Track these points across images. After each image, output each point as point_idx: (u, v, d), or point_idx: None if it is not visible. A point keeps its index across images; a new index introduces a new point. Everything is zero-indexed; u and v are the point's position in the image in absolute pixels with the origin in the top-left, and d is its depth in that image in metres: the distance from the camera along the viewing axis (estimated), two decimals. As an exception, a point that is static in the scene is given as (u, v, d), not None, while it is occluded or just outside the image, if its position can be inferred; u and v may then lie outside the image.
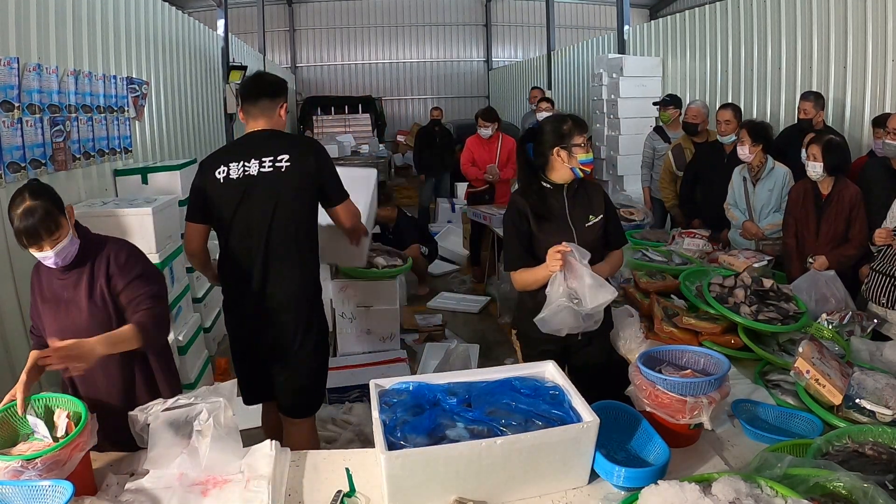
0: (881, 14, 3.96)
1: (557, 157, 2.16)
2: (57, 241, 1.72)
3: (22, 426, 1.59)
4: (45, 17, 3.42)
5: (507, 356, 4.16)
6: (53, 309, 1.83)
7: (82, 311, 1.81)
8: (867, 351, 2.24)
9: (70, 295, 1.81)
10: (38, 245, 1.71)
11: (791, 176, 3.54)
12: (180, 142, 5.84)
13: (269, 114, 2.29)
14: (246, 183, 2.20)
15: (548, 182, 2.22)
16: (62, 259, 1.76)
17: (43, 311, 1.86)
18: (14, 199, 1.70)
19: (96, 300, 1.81)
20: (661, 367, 1.77)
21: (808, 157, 3.03)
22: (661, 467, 1.46)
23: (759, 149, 3.49)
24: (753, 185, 3.59)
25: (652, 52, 6.94)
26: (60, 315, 1.82)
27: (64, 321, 1.80)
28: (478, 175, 5.62)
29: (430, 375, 1.71)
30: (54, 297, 1.83)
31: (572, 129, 2.15)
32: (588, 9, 14.87)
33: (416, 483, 1.38)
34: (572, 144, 2.14)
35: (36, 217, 1.67)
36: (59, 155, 3.44)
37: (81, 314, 1.80)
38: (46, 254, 1.73)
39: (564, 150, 2.14)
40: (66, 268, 1.80)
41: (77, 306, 1.81)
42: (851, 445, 1.52)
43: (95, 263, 1.83)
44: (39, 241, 1.70)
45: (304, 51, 14.73)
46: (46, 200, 1.71)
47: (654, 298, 2.62)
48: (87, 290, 1.81)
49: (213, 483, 1.52)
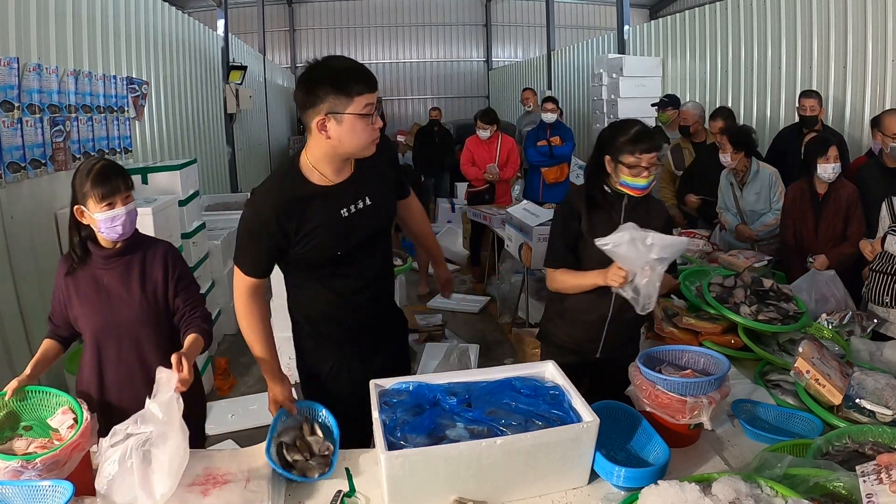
0: (881, 14, 3.97)
1: (609, 165, 1.95)
2: (129, 200, 1.72)
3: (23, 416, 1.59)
4: (45, 17, 3.42)
5: (507, 356, 4.17)
6: (95, 302, 1.76)
7: (134, 304, 1.76)
8: (867, 351, 2.24)
9: (119, 287, 1.77)
10: (114, 197, 1.68)
11: (778, 176, 3.56)
12: (180, 142, 5.84)
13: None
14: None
15: (609, 187, 2.00)
16: (129, 225, 1.72)
17: (80, 304, 1.77)
18: (79, 167, 1.72)
19: (148, 294, 1.78)
20: (661, 367, 1.77)
21: (828, 159, 3.01)
22: (661, 467, 1.46)
23: (740, 155, 3.53)
24: (741, 190, 3.61)
25: (652, 52, 6.94)
26: (104, 308, 1.76)
27: (109, 315, 1.75)
28: (477, 175, 5.62)
29: (430, 375, 1.71)
30: (98, 289, 1.77)
31: (625, 144, 1.89)
32: (588, 9, 14.87)
33: (416, 483, 1.38)
34: (619, 161, 1.91)
35: (115, 169, 1.71)
36: (59, 155, 3.44)
37: (132, 308, 1.76)
38: (117, 211, 1.69)
39: (612, 162, 1.93)
40: (112, 257, 1.76)
41: (127, 300, 1.76)
42: (851, 445, 1.52)
43: (147, 257, 1.81)
44: (118, 192, 1.69)
45: (304, 51, 14.72)
46: (117, 164, 1.76)
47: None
48: (139, 282, 1.78)
49: (213, 483, 1.52)
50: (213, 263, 4.43)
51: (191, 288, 1.86)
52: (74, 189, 1.71)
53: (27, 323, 3.07)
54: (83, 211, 1.71)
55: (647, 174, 1.90)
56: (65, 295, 1.79)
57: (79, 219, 1.74)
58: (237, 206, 5.71)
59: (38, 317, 3.17)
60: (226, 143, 7.75)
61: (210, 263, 4.39)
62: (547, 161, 5.79)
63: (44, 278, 3.26)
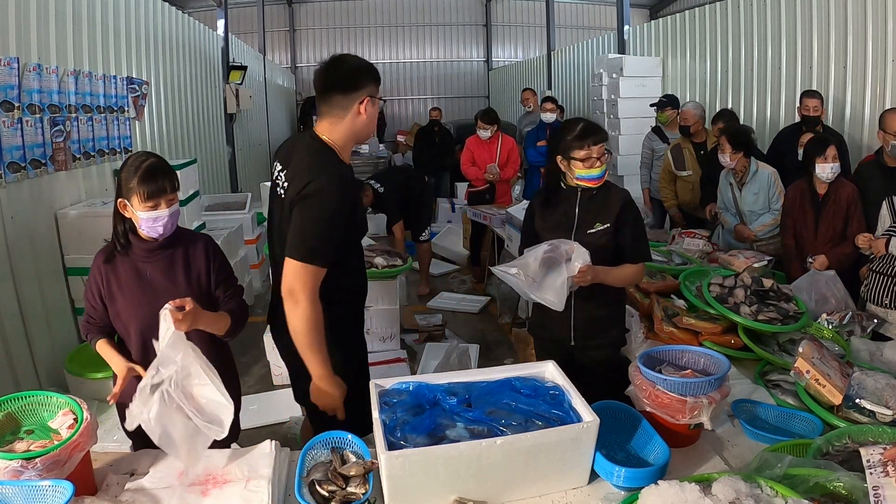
0: (881, 14, 3.96)
1: (562, 164, 2.14)
2: (173, 202, 1.73)
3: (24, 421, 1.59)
4: (45, 17, 3.42)
5: (507, 356, 4.16)
6: (138, 295, 1.75)
7: (178, 293, 1.72)
8: (867, 351, 2.24)
9: (164, 279, 1.77)
10: (159, 198, 1.69)
11: (777, 176, 3.55)
12: (180, 142, 5.84)
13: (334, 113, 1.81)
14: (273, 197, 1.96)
15: (564, 183, 2.19)
16: (170, 225, 1.74)
17: (123, 297, 1.77)
18: (128, 160, 1.72)
19: (193, 285, 1.80)
20: (661, 367, 1.77)
21: (826, 159, 3.01)
22: (661, 467, 1.46)
23: (739, 155, 3.52)
24: (739, 190, 3.61)
25: (652, 53, 6.94)
26: (150, 300, 1.73)
27: (156, 307, 1.63)
28: (478, 175, 5.62)
29: (430, 375, 1.71)
30: (141, 281, 1.76)
31: (573, 141, 2.07)
32: (588, 9, 14.87)
33: (416, 483, 1.38)
34: (571, 158, 2.09)
35: (163, 169, 1.71)
36: (59, 155, 3.44)
37: (175, 297, 1.69)
38: (161, 213, 1.70)
39: (564, 161, 2.12)
40: (155, 249, 1.77)
41: (173, 292, 1.74)
42: (851, 445, 1.52)
43: (189, 249, 1.82)
44: (163, 193, 1.69)
45: (304, 51, 14.72)
46: (165, 163, 1.75)
47: (654, 298, 2.62)
48: (184, 274, 1.79)
49: (213, 483, 1.52)
50: (213, 263, 4.42)
51: (230, 279, 1.89)
52: (120, 182, 1.72)
53: (27, 323, 3.07)
54: (126, 205, 1.72)
55: (599, 164, 2.07)
56: (104, 288, 1.77)
57: (121, 211, 1.74)
58: (237, 206, 5.70)
59: (38, 317, 3.17)
60: (226, 143, 7.75)
61: (210, 263, 4.38)
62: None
63: (44, 278, 3.26)
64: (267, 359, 3.86)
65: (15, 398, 1.60)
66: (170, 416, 1.48)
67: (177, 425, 1.48)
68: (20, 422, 1.59)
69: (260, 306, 5.24)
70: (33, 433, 1.56)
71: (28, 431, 1.57)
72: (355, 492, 1.41)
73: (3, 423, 1.56)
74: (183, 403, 1.50)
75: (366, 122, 1.81)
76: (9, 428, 1.57)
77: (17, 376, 2.93)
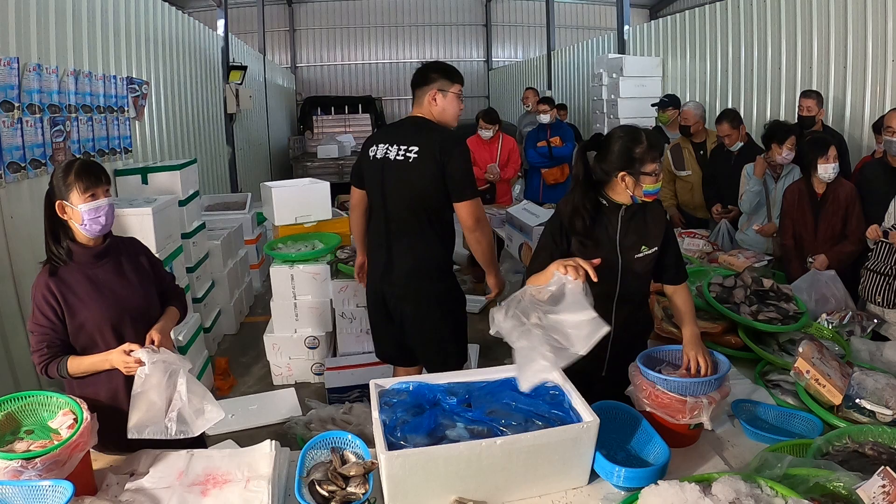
0: (881, 14, 3.97)
1: (621, 182, 1.85)
2: (108, 193, 1.78)
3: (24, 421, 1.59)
4: (45, 17, 3.42)
5: (507, 356, 4.14)
6: (100, 297, 1.76)
7: (136, 289, 1.84)
8: (867, 351, 2.25)
9: (117, 280, 1.81)
10: (96, 188, 1.73)
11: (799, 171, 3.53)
12: (180, 142, 5.84)
13: (420, 101, 2.48)
14: (382, 164, 2.44)
15: (605, 199, 1.92)
16: (110, 217, 1.77)
17: (83, 304, 1.73)
18: (58, 167, 1.78)
19: (144, 280, 1.88)
20: (661, 367, 1.77)
21: (828, 159, 3.01)
22: (661, 467, 1.46)
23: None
24: (775, 182, 3.58)
25: (652, 52, 6.94)
26: (113, 298, 1.78)
27: (122, 302, 1.80)
28: (478, 175, 5.61)
29: (431, 375, 1.72)
30: (98, 287, 1.77)
31: (645, 154, 1.82)
32: (588, 9, 14.88)
33: (416, 483, 1.38)
34: (642, 172, 1.82)
35: (95, 164, 1.78)
36: (59, 155, 3.44)
37: (136, 293, 1.84)
38: (100, 202, 1.73)
39: (631, 178, 1.83)
40: (99, 254, 1.80)
41: (129, 287, 1.83)
42: (851, 445, 1.52)
43: (129, 248, 1.91)
44: (98, 184, 1.74)
45: (304, 51, 14.74)
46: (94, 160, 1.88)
47: (654, 298, 2.61)
48: (134, 272, 1.86)
49: (212, 483, 1.52)
50: (212, 263, 4.43)
51: (164, 270, 2.04)
52: (53, 186, 1.73)
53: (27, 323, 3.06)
54: (65, 206, 1.72)
55: (660, 178, 1.88)
56: (62, 303, 1.72)
57: (60, 215, 1.74)
58: (237, 206, 5.70)
59: (38, 317, 3.17)
60: (226, 143, 7.75)
61: (210, 263, 4.38)
62: (546, 162, 5.79)
63: (44, 278, 3.25)
64: (267, 359, 3.85)
65: (15, 398, 1.60)
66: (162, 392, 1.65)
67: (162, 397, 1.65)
68: (20, 422, 1.59)
69: (260, 306, 5.25)
70: (33, 433, 1.56)
71: (28, 431, 1.57)
72: (355, 492, 1.41)
73: (3, 423, 1.56)
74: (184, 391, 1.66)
75: (440, 109, 2.44)
76: (9, 428, 1.56)
77: (17, 376, 2.93)
